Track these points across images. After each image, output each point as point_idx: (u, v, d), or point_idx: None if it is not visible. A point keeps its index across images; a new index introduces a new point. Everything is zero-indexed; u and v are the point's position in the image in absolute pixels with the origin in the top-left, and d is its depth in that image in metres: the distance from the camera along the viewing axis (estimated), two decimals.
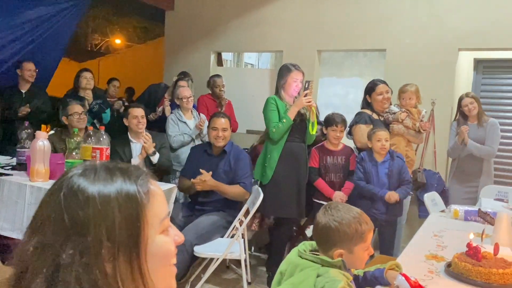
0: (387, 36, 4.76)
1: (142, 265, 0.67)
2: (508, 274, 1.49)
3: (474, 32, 4.40)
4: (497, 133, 3.88)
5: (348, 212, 1.38)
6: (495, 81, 5.58)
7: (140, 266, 0.67)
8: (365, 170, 3.27)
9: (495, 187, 3.86)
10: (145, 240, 0.68)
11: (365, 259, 1.40)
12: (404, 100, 3.67)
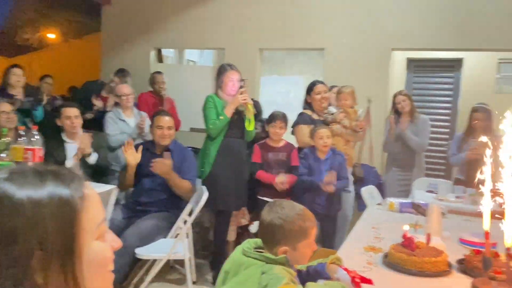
0: (325, 35, 4.90)
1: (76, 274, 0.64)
2: (439, 262, 1.59)
3: (406, 33, 4.64)
4: (428, 128, 4.13)
5: (292, 209, 1.40)
6: (425, 80, 5.94)
7: (74, 274, 0.63)
8: (309, 166, 3.36)
9: (426, 180, 4.11)
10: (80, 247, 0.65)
11: (308, 255, 1.43)
12: (340, 101, 3.80)
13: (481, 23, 4.40)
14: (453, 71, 5.83)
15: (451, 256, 1.72)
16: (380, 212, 2.78)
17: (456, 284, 1.49)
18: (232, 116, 3.29)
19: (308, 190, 3.33)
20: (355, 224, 2.50)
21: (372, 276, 1.56)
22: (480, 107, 3.84)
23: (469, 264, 1.64)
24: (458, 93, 5.77)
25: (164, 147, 3.20)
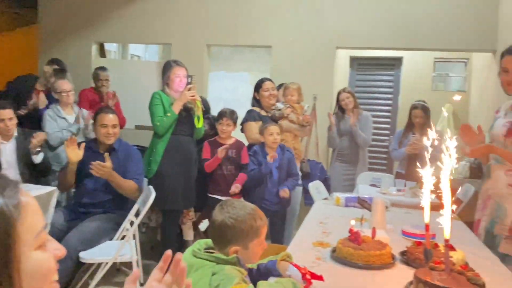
0: (273, 33, 4.94)
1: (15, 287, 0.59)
2: (384, 255, 1.65)
3: (350, 32, 4.79)
4: (370, 124, 4.29)
5: (243, 208, 1.40)
6: (368, 77, 6.16)
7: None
8: (258, 163, 3.37)
9: (370, 174, 4.28)
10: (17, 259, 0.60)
11: (259, 254, 1.43)
12: (286, 96, 3.86)
13: (419, 24, 4.62)
14: (393, 69, 6.10)
15: (394, 248, 1.79)
16: (327, 207, 2.85)
17: (400, 276, 1.55)
18: (180, 113, 3.24)
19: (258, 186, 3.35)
20: (302, 218, 2.54)
21: (321, 271, 1.59)
22: (419, 104, 4.03)
23: (411, 255, 1.71)
24: (398, 90, 6.05)
25: (108, 146, 3.08)
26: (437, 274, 1.35)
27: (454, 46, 4.74)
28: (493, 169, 2.34)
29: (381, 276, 1.58)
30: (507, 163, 2.25)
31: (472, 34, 4.51)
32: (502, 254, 2.20)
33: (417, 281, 1.36)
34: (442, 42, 4.62)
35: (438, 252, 1.64)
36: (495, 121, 2.41)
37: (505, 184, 2.25)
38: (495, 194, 2.30)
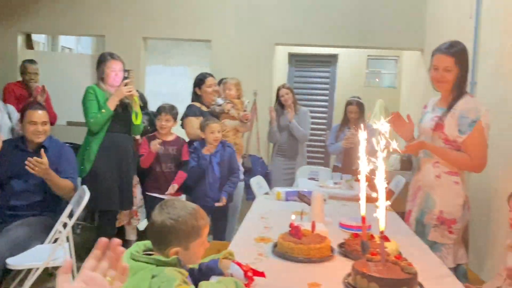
0: (212, 27, 4.90)
1: None
2: (323, 248, 1.70)
3: (288, 29, 4.86)
4: (308, 120, 4.39)
5: (184, 208, 1.36)
6: (305, 73, 6.30)
7: None
8: (199, 159, 3.32)
9: (308, 168, 4.38)
10: None
11: (201, 254, 1.41)
12: (224, 91, 3.84)
13: (353, 23, 4.79)
14: (330, 66, 6.29)
15: (333, 240, 1.84)
16: (268, 201, 2.88)
17: (339, 268, 1.60)
18: (116, 109, 3.10)
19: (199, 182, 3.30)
20: (244, 214, 2.54)
21: (263, 267, 1.60)
22: (354, 100, 4.19)
23: (349, 247, 1.77)
24: (334, 86, 6.24)
25: (37, 144, 2.88)
26: (373, 265, 1.41)
27: (385, 44, 4.97)
28: (422, 162, 2.48)
29: (321, 269, 1.62)
30: (435, 156, 2.39)
31: (402, 33, 4.76)
32: (431, 242, 2.34)
33: (355, 272, 1.41)
34: (374, 40, 4.82)
35: (374, 243, 1.71)
36: (423, 116, 2.56)
37: (433, 176, 2.40)
38: (424, 185, 2.44)
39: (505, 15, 2.83)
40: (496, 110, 2.77)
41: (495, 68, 2.94)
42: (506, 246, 2.12)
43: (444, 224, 2.34)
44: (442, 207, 2.34)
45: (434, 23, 4.44)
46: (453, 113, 2.33)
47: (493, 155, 2.48)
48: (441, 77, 2.37)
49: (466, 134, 2.28)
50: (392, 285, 1.32)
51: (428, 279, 1.51)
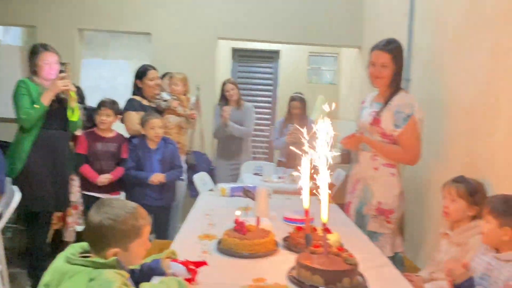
0: (152, 20, 4.76)
1: None
2: (268, 242, 1.70)
3: (231, 23, 4.83)
4: (253, 115, 4.39)
5: (123, 208, 1.29)
6: (248, 69, 6.31)
7: None
8: (137, 158, 3.21)
9: (253, 163, 4.40)
10: None
11: (142, 254, 1.35)
12: (171, 86, 3.75)
13: (294, 20, 4.85)
14: (272, 61, 6.34)
15: (277, 234, 1.85)
16: (212, 198, 2.85)
17: (283, 261, 1.61)
18: (51, 104, 2.89)
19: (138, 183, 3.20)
20: (188, 211, 2.49)
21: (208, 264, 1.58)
22: (297, 96, 4.25)
23: (293, 241, 1.79)
24: (277, 82, 6.31)
25: None
26: (316, 257, 1.43)
27: (325, 41, 5.09)
28: (361, 155, 2.57)
29: (266, 264, 1.63)
30: (373, 150, 2.49)
31: (341, 30, 4.89)
32: (370, 232, 2.43)
33: (299, 265, 1.43)
34: (314, 37, 4.92)
35: (317, 235, 1.74)
36: (361, 111, 2.65)
37: (371, 168, 2.49)
38: (363, 177, 2.53)
39: (436, 14, 2.98)
40: (428, 105, 2.92)
41: (427, 65, 3.10)
42: (439, 233, 2.25)
43: (382, 215, 2.44)
44: (380, 198, 2.44)
45: (371, 21, 4.61)
46: (389, 108, 2.43)
47: (426, 148, 2.61)
48: (378, 73, 2.46)
49: (401, 128, 2.39)
50: (334, 276, 1.35)
51: (369, 268, 1.56)
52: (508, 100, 2.09)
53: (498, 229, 1.69)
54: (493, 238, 1.72)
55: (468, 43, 2.52)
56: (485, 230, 1.75)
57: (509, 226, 1.67)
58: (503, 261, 1.68)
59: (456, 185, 2.09)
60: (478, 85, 2.39)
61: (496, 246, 1.75)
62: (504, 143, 2.11)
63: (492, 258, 1.73)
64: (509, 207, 1.69)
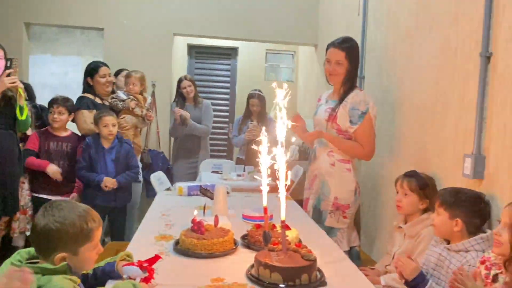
0: (105, 14, 4.60)
1: None
2: (227, 241, 1.68)
3: (187, 19, 4.76)
4: (211, 113, 4.35)
5: (72, 210, 1.23)
6: (206, 66, 6.24)
7: None
8: (90, 157, 3.10)
9: (211, 161, 4.36)
10: None
11: (94, 258, 1.29)
12: (128, 85, 3.64)
13: (252, 16, 4.84)
14: (230, 58, 6.30)
15: (236, 233, 1.84)
16: (169, 197, 2.79)
17: (242, 260, 1.60)
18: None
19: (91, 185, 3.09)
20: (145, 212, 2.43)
21: (165, 265, 1.55)
22: (255, 93, 4.25)
23: (252, 239, 1.79)
24: (235, 79, 6.28)
25: None
26: (275, 254, 1.43)
27: (282, 39, 5.12)
28: (318, 151, 2.60)
29: (225, 263, 1.61)
30: (330, 145, 2.53)
31: (297, 28, 4.93)
32: (327, 227, 2.47)
33: (258, 264, 1.42)
34: (272, 35, 4.94)
35: (276, 232, 1.74)
36: (318, 108, 2.68)
37: (328, 164, 2.53)
38: (320, 173, 2.56)
39: (388, 13, 3.07)
40: (382, 102, 3.00)
41: (380, 63, 3.18)
42: (393, 227, 2.32)
43: (338, 210, 2.49)
44: (337, 193, 2.49)
45: (326, 20, 4.68)
46: (345, 105, 2.48)
47: (379, 143, 2.69)
48: (333, 69, 2.50)
49: (357, 125, 2.45)
50: (293, 273, 1.36)
51: (327, 263, 1.58)
52: (456, 97, 2.18)
53: (449, 221, 1.76)
54: (445, 230, 1.80)
55: (419, 42, 2.61)
56: (436, 222, 1.82)
57: (459, 218, 1.74)
58: (454, 252, 1.75)
59: (408, 180, 2.16)
60: (428, 83, 2.48)
61: (447, 237, 1.82)
62: (452, 139, 2.20)
63: (443, 249, 1.80)
64: (459, 199, 1.77)
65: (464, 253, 1.71)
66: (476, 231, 1.74)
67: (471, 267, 1.63)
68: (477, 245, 1.69)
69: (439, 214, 1.81)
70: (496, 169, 1.86)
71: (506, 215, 1.42)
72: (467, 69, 2.10)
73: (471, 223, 1.74)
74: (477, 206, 1.77)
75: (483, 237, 1.69)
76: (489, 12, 1.92)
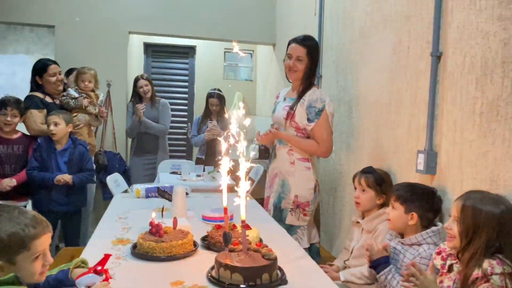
0: (56, 11, 4.41)
1: None
2: (186, 243, 1.65)
3: (142, 17, 4.64)
4: (168, 112, 4.28)
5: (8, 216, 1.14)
6: (163, 65, 6.13)
7: None
8: (42, 159, 2.96)
9: (170, 161, 4.28)
10: None
11: (38, 270, 1.19)
12: (83, 83, 3.50)
13: (209, 15, 4.80)
14: (188, 57, 6.22)
15: (196, 234, 1.81)
16: (127, 200, 2.71)
17: (202, 262, 1.57)
18: None
19: (44, 187, 2.95)
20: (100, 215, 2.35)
21: (122, 271, 1.50)
22: (215, 92, 4.22)
23: (212, 240, 1.76)
24: (194, 78, 6.21)
25: None
26: (236, 255, 1.42)
27: (240, 38, 5.10)
28: (278, 150, 2.61)
29: (185, 265, 1.58)
30: (289, 144, 2.54)
31: (256, 27, 4.94)
32: (288, 225, 2.49)
33: (218, 265, 1.40)
34: (230, 34, 4.91)
35: (236, 232, 1.72)
36: (276, 105, 2.69)
37: (288, 163, 2.54)
38: (280, 172, 2.57)
39: (344, 13, 3.12)
40: (339, 100, 3.06)
41: (336, 62, 3.24)
42: (351, 222, 2.36)
43: (299, 208, 2.51)
44: (297, 191, 2.50)
45: (284, 19, 4.71)
46: (302, 103, 2.50)
47: (337, 141, 2.74)
48: (293, 65, 2.52)
49: (314, 122, 2.47)
50: (254, 273, 1.35)
51: (287, 262, 1.58)
52: (409, 95, 2.25)
53: (405, 215, 1.82)
54: (400, 224, 1.85)
55: (373, 42, 2.67)
56: (392, 216, 1.87)
57: (414, 211, 1.81)
58: (407, 245, 1.81)
59: (366, 176, 2.21)
60: (382, 82, 2.54)
61: (401, 231, 1.88)
62: (406, 136, 2.27)
63: (398, 243, 1.86)
64: (414, 194, 1.84)
65: (417, 246, 1.77)
66: (429, 225, 1.81)
67: (423, 259, 1.70)
68: (429, 238, 1.76)
69: (394, 209, 1.86)
70: (447, 165, 1.94)
71: (455, 209, 1.48)
72: (419, 68, 2.17)
73: (425, 217, 1.81)
74: (431, 200, 1.84)
75: (434, 231, 1.76)
76: (439, 13, 1.99)
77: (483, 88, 1.72)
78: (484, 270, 1.34)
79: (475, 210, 1.42)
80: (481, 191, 1.55)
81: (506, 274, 1.34)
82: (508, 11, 1.60)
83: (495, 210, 1.40)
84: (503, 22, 1.62)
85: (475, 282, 1.36)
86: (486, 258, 1.36)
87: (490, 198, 1.46)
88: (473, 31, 1.78)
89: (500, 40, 1.63)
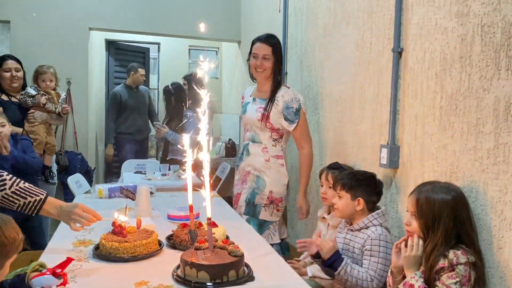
0: (11, 6, 4.22)
1: None
2: (151, 243, 1.61)
3: (103, 13, 4.52)
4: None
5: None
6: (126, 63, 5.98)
7: None
8: None
9: (134, 161, 4.19)
10: None
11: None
12: (44, 82, 3.37)
13: (173, 11, 4.72)
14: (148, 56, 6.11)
15: (161, 234, 1.77)
16: (89, 200, 2.62)
17: (168, 261, 1.54)
18: None
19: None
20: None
21: (84, 273, 1.44)
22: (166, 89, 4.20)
23: (177, 238, 1.73)
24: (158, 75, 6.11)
25: None
26: (202, 253, 1.39)
27: (205, 35, 5.06)
28: (251, 148, 2.60)
29: (149, 265, 1.54)
30: (263, 143, 2.54)
31: (220, 25, 4.90)
32: (261, 220, 2.50)
33: (184, 263, 1.37)
34: (194, 31, 4.85)
35: (202, 231, 1.70)
36: (245, 106, 2.67)
37: (263, 160, 2.54)
38: (255, 169, 2.56)
39: (307, 10, 3.14)
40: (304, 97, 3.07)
41: (301, 59, 3.26)
42: (318, 217, 2.38)
43: (273, 203, 2.53)
44: (272, 187, 2.52)
45: (248, 16, 4.70)
46: (277, 103, 2.50)
47: None
48: (260, 64, 2.52)
49: (296, 123, 2.49)
50: (220, 270, 1.33)
51: (254, 258, 1.57)
52: (372, 91, 2.29)
53: (352, 202, 1.92)
54: (348, 211, 1.94)
55: (336, 38, 2.70)
56: (340, 205, 1.95)
57: (360, 197, 1.90)
58: (356, 231, 1.90)
59: (332, 171, 2.23)
60: (346, 77, 2.57)
61: (350, 218, 1.97)
62: (370, 131, 2.31)
63: (347, 232, 1.93)
64: (358, 180, 1.93)
65: (365, 229, 1.87)
66: (373, 208, 1.92)
67: (374, 240, 1.81)
68: (375, 220, 1.87)
69: (341, 197, 1.95)
70: (409, 158, 1.98)
71: (410, 205, 1.53)
72: (381, 64, 2.21)
73: (370, 201, 1.92)
74: (373, 184, 1.95)
75: (379, 213, 1.88)
76: (399, 9, 2.03)
77: (442, 82, 1.77)
78: (450, 260, 1.38)
79: (429, 200, 1.47)
80: (431, 181, 1.62)
81: (469, 264, 1.38)
82: (465, 8, 1.65)
83: (447, 197, 1.47)
84: (460, 18, 1.67)
85: (440, 272, 1.40)
86: (451, 249, 1.40)
87: (441, 186, 1.53)
88: (432, 27, 1.83)
89: (458, 36, 1.68)
